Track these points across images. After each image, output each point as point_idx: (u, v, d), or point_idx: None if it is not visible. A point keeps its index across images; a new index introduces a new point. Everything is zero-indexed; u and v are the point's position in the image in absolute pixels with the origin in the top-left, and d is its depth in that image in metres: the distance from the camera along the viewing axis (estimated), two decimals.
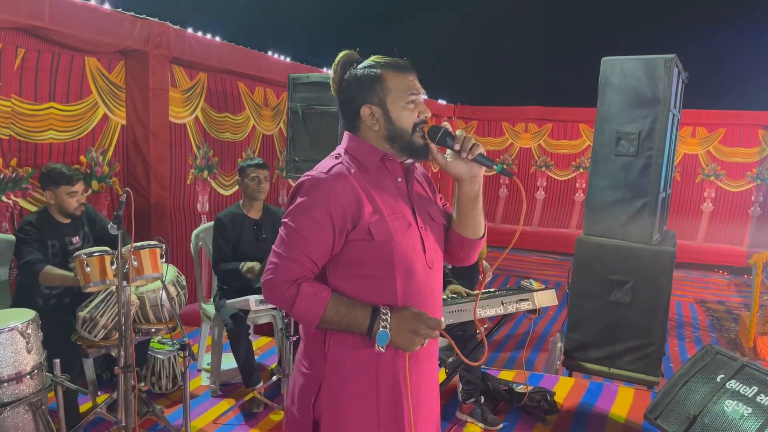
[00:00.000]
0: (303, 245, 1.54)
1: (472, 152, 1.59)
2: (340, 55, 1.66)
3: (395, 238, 1.56)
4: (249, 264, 3.58)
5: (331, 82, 1.68)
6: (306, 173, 1.60)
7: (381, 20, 10.89)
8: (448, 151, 1.63)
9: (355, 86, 1.61)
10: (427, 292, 1.64)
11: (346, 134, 1.69)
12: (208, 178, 5.93)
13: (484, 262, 4.60)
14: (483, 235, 1.76)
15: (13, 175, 4.02)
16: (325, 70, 7.09)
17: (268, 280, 1.57)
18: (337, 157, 1.64)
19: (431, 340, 1.58)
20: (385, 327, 1.52)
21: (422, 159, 1.67)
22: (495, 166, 1.60)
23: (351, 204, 1.55)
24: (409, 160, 1.68)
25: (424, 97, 1.69)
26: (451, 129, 1.63)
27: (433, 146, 1.62)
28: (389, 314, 1.53)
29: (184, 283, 3.51)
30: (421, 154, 1.64)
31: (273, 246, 1.59)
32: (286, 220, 1.58)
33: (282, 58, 6.60)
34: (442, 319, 1.58)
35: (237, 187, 5.95)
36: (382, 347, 1.53)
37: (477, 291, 2.55)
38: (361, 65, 1.63)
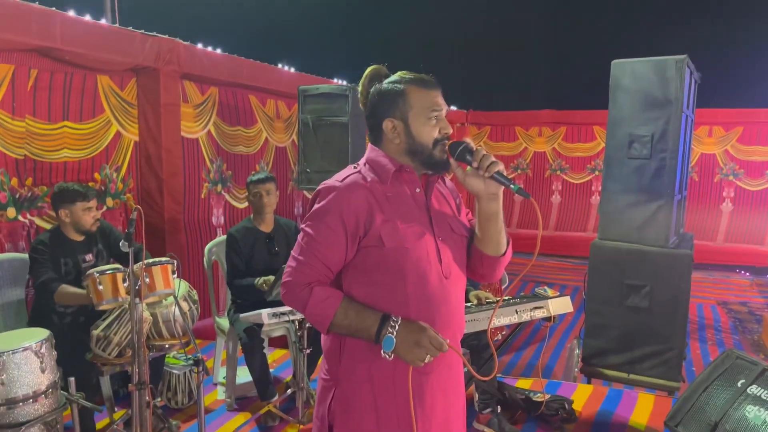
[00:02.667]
0: (317, 250, 1.60)
1: (489, 170, 1.60)
2: (369, 69, 1.73)
3: (406, 245, 1.59)
4: (264, 278, 3.58)
5: (359, 96, 1.75)
6: (324, 181, 1.67)
7: (390, 29, 10.91)
8: (468, 167, 1.65)
9: (379, 100, 1.67)
10: (441, 302, 1.64)
11: (368, 146, 1.75)
12: (222, 192, 5.96)
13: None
14: (504, 253, 1.74)
15: (29, 195, 4.07)
16: (335, 80, 7.11)
17: (286, 282, 1.64)
18: (355, 167, 1.70)
19: (447, 355, 1.58)
20: (392, 333, 1.54)
21: (442, 173, 1.71)
22: (512, 186, 1.59)
23: (363, 211, 1.59)
24: (431, 173, 1.71)
25: (448, 110, 1.72)
26: (472, 145, 1.65)
27: (452, 161, 1.65)
28: (399, 322, 1.56)
29: (196, 297, 3.51)
30: (440, 168, 1.68)
31: (292, 251, 1.66)
32: (303, 225, 1.65)
33: (291, 69, 6.63)
34: (447, 341, 1.57)
35: None
36: (388, 354, 1.55)
37: (498, 298, 2.53)
38: (387, 80, 1.69)
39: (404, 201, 1.65)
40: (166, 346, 3.32)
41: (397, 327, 1.55)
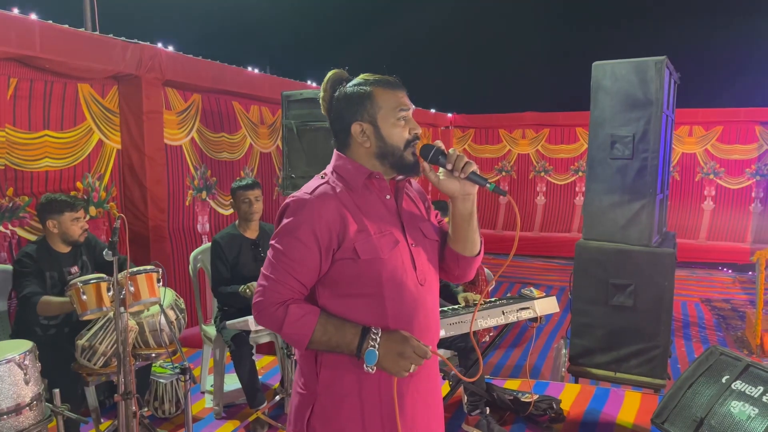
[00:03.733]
0: (290, 266, 1.54)
1: (465, 171, 1.59)
2: (330, 74, 1.68)
3: (381, 256, 1.56)
4: (249, 284, 3.56)
5: (320, 101, 1.69)
6: (292, 194, 1.61)
7: (371, 30, 10.93)
8: (441, 168, 1.63)
9: (345, 104, 1.62)
10: (419, 310, 1.62)
11: (334, 153, 1.69)
12: (207, 199, 5.93)
13: (486, 270, 4.57)
14: (479, 253, 1.74)
15: (10, 205, 4.02)
16: (318, 85, 7.11)
17: (257, 302, 1.57)
18: (323, 177, 1.64)
19: (427, 360, 1.56)
20: (374, 347, 1.51)
21: (413, 176, 1.68)
22: (488, 185, 1.59)
23: (336, 223, 1.55)
24: (400, 177, 1.68)
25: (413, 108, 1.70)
26: (443, 147, 1.63)
27: (425, 164, 1.63)
28: (379, 334, 1.52)
29: (183, 306, 3.49)
30: (411, 171, 1.64)
31: (262, 268, 1.60)
32: (273, 242, 1.59)
33: (274, 75, 6.62)
34: (430, 348, 1.55)
35: None
36: (370, 367, 1.51)
37: (482, 299, 2.54)
38: (350, 84, 1.64)
39: (375, 209, 1.62)
40: (153, 355, 3.29)
41: (378, 339, 1.51)
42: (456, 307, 3.39)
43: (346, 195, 1.59)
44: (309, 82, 7.14)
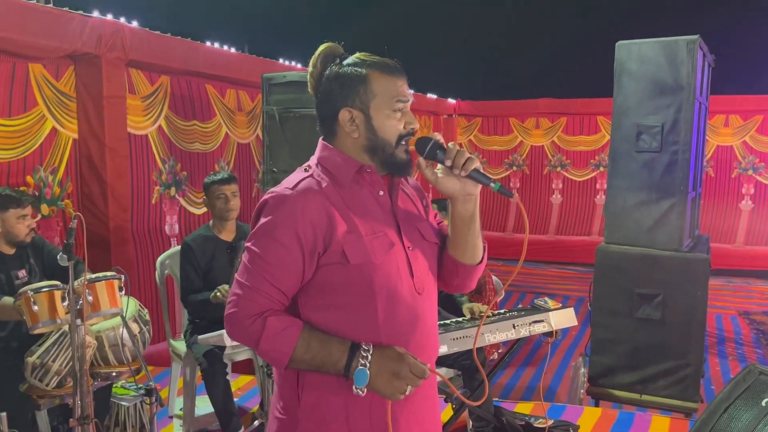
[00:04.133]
0: (268, 272, 1.53)
1: (466, 168, 1.58)
2: (322, 47, 1.66)
3: (374, 261, 1.55)
4: (220, 287, 3.55)
5: (308, 78, 1.67)
6: (270, 190, 1.60)
7: (366, 4, 10.92)
8: (440, 165, 1.62)
9: (336, 85, 1.61)
10: (417, 322, 1.62)
11: (320, 143, 1.68)
12: (177, 196, 5.92)
13: (494, 277, 4.58)
14: (481, 261, 1.74)
15: None
16: (300, 66, 7.11)
17: (230, 313, 1.55)
18: (306, 170, 1.63)
19: (425, 381, 1.55)
20: (365, 365, 1.49)
21: (404, 176, 1.68)
22: (492, 185, 1.59)
23: (321, 223, 1.54)
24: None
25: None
26: (442, 141, 1.63)
27: (421, 160, 1.62)
28: (370, 351, 1.51)
29: (148, 317, 3.49)
30: (403, 170, 1.64)
31: (236, 274, 1.58)
32: (248, 244, 1.57)
33: (253, 55, 6.62)
34: (428, 366, 1.54)
35: None
36: (360, 389, 1.50)
37: (489, 310, 2.52)
38: (344, 62, 1.63)
39: (367, 207, 1.61)
40: (113, 374, 3.29)
41: (369, 357, 1.49)
42: (460, 319, 3.40)
43: (333, 190, 1.58)
44: (294, 63, 7.14)
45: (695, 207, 4.59)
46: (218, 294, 3.52)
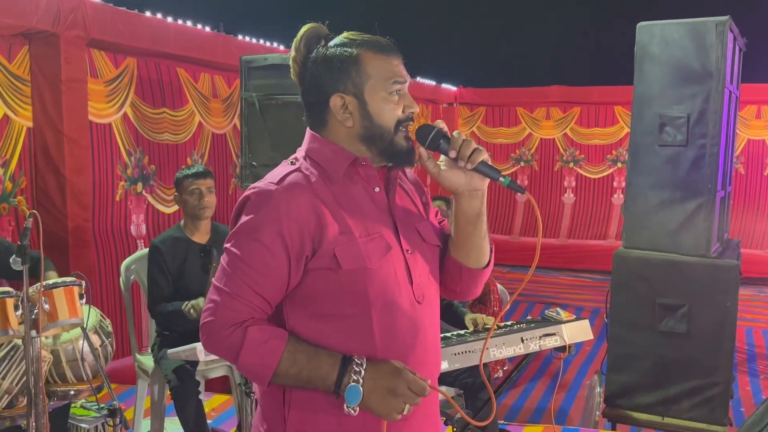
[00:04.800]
0: (249, 277, 1.53)
1: (473, 160, 1.58)
2: (304, 28, 1.66)
3: (369, 266, 1.55)
4: (193, 301, 3.55)
5: (291, 63, 1.68)
6: (252, 185, 1.60)
7: None
8: (443, 156, 1.63)
9: (324, 69, 1.61)
10: (416, 335, 1.62)
11: (308, 133, 1.69)
12: (144, 192, 5.91)
13: (499, 285, 4.59)
14: (488, 264, 1.75)
15: None
16: (283, 48, 7.11)
17: (206, 323, 1.55)
18: (293, 163, 1.64)
19: (424, 399, 1.55)
20: (358, 381, 1.49)
21: (405, 166, 1.68)
22: (501, 179, 1.60)
23: (309, 222, 1.54)
24: (392, 165, 1.68)
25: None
26: (445, 129, 1.63)
27: (423, 151, 1.63)
28: (364, 365, 1.51)
29: (111, 329, 3.48)
30: (404, 159, 1.64)
31: (213, 279, 1.58)
32: (228, 245, 1.57)
33: (230, 35, 6.61)
34: (429, 383, 1.54)
35: None
36: (352, 408, 1.49)
37: (495, 323, 2.51)
38: (331, 43, 1.63)
39: (361, 205, 1.61)
40: (72, 392, 3.28)
41: (362, 372, 1.49)
42: (462, 332, 3.40)
43: (322, 186, 1.58)
44: (276, 45, 7.14)
45: (724, 208, 4.61)
46: (192, 312, 3.51)
